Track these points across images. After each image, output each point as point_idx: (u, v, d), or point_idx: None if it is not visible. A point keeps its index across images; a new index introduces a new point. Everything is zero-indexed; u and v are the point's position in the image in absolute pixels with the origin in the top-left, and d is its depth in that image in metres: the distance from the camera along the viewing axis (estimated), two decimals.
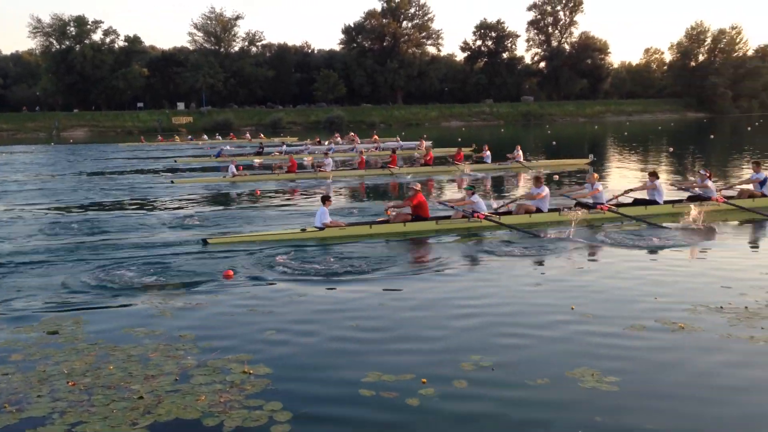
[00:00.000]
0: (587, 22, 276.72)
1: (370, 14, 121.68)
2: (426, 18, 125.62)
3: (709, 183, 16.79)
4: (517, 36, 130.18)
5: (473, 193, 15.31)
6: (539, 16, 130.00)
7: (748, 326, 7.98)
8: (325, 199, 14.93)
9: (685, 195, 17.01)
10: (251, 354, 7.47)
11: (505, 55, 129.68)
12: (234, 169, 27.97)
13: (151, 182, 28.02)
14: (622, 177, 26.32)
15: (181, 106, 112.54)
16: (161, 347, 7.70)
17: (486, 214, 14.98)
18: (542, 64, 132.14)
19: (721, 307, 8.71)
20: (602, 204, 15.77)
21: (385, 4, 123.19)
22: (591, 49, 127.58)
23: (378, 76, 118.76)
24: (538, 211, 15.52)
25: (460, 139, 48.41)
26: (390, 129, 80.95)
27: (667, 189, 17.35)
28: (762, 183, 17.05)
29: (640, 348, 7.49)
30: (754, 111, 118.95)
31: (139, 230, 15.63)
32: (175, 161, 40.49)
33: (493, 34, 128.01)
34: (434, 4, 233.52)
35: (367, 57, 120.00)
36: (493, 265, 11.63)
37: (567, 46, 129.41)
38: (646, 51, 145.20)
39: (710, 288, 9.72)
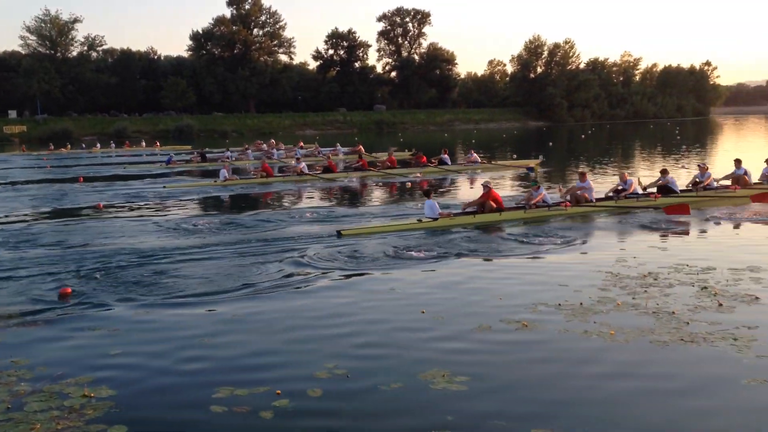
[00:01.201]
0: (435, 34, 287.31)
1: (220, 21, 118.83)
2: (277, 26, 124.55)
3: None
4: (369, 46, 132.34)
5: (539, 188, 17.36)
6: (389, 27, 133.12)
7: (582, 321, 8.57)
8: (429, 193, 16.67)
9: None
10: (93, 376, 7.04)
11: (357, 65, 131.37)
12: (226, 174, 28.13)
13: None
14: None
15: (13, 114, 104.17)
16: None
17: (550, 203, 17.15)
18: (393, 74, 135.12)
19: (559, 305, 9.28)
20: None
21: (234, 11, 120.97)
22: (439, 59, 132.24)
23: (229, 83, 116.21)
24: (587, 201, 17.79)
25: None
26: (243, 138, 79.54)
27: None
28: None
29: (487, 347, 7.84)
30: (587, 120, 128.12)
31: None
32: (125, 168, 38.78)
33: (345, 44, 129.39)
34: (285, 12, 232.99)
35: (217, 64, 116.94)
36: (347, 272, 11.70)
37: (417, 57, 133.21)
38: (490, 63, 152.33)
39: (549, 287, 10.29)
